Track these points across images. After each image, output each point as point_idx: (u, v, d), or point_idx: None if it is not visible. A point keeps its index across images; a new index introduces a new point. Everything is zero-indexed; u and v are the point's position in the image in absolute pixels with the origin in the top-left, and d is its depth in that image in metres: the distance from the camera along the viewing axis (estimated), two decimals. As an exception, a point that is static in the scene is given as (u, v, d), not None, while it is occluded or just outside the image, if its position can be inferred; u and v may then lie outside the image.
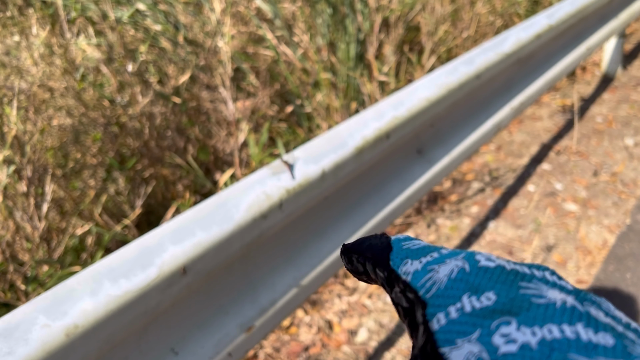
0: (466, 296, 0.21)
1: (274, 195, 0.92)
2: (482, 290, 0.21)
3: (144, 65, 2.23)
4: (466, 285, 0.21)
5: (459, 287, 0.21)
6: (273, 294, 1.03)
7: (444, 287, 0.22)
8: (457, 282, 0.21)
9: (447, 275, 0.22)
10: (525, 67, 2.00)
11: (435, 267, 0.23)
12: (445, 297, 0.21)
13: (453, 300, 0.21)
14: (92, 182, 2.24)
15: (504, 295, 0.20)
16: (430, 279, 0.23)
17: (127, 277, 0.71)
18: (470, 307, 0.20)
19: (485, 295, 0.20)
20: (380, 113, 1.16)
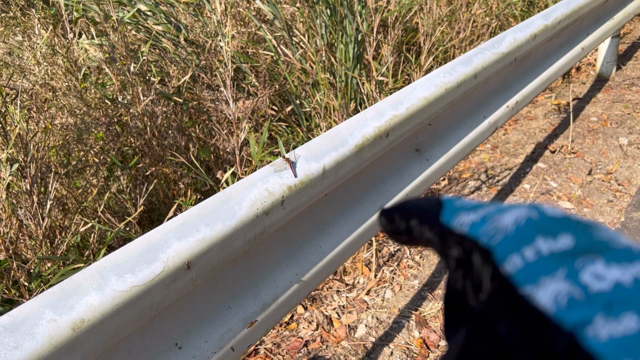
0: (541, 239, 0.20)
1: (276, 192, 0.94)
2: (556, 234, 0.20)
3: (145, 65, 2.26)
4: (538, 230, 0.20)
5: (530, 232, 0.21)
6: (275, 290, 1.05)
7: (513, 233, 0.21)
8: (526, 228, 0.21)
9: (514, 223, 0.21)
10: (521, 67, 2.03)
11: (496, 217, 0.23)
12: (516, 241, 0.20)
13: (527, 243, 0.20)
14: (95, 180, 2.26)
15: (581, 239, 0.20)
16: (492, 227, 0.22)
17: (132, 272, 0.74)
18: (548, 249, 0.19)
19: (561, 238, 0.20)
20: (380, 112, 1.19)
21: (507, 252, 0.20)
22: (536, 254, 0.19)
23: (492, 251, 0.21)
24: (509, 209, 0.23)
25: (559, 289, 0.18)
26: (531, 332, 0.18)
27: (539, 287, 0.18)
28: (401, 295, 2.00)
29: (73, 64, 2.22)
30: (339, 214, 1.23)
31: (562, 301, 0.17)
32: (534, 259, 0.19)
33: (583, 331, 0.16)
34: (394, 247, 2.23)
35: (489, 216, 0.23)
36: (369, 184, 1.32)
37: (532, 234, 0.20)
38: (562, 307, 0.17)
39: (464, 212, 0.24)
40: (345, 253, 1.23)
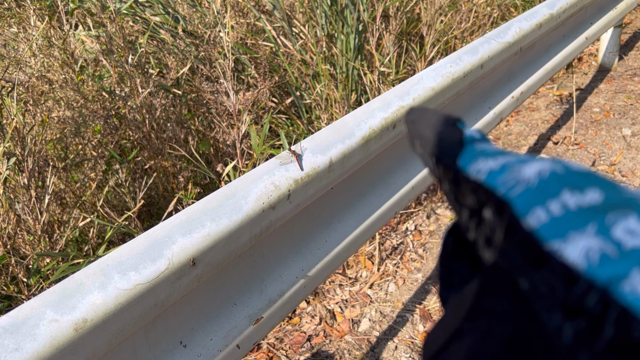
0: (567, 193, 0.19)
1: (282, 186, 0.91)
2: (584, 188, 0.19)
3: (144, 56, 2.22)
4: (564, 184, 0.19)
5: (555, 185, 0.19)
6: (280, 285, 1.03)
7: (536, 186, 0.20)
8: (551, 181, 0.20)
9: (537, 175, 0.20)
10: (526, 58, 2.00)
11: (517, 167, 0.21)
12: (540, 194, 0.19)
13: (552, 196, 0.19)
14: (93, 174, 2.23)
15: (610, 194, 0.18)
16: (512, 178, 0.21)
17: (136, 270, 0.71)
18: (575, 203, 0.18)
19: (589, 193, 0.18)
20: (387, 103, 1.16)
21: (529, 205, 0.19)
22: (563, 208, 0.18)
23: (510, 203, 0.19)
24: (531, 160, 0.21)
25: (590, 244, 0.17)
26: (559, 288, 0.17)
27: (568, 243, 0.17)
28: (405, 289, 1.98)
29: (70, 56, 2.18)
30: (345, 208, 1.21)
31: (593, 257, 0.16)
32: (561, 213, 0.18)
33: (618, 286, 0.15)
34: (396, 240, 2.21)
35: (509, 166, 0.21)
36: (374, 177, 1.30)
37: (557, 187, 0.19)
38: (594, 263, 0.16)
39: (482, 157, 0.23)
40: (351, 247, 1.20)
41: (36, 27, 2.26)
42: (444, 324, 0.21)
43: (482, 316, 0.19)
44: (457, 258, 0.25)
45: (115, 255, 0.71)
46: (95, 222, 1.60)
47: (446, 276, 0.25)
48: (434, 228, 2.28)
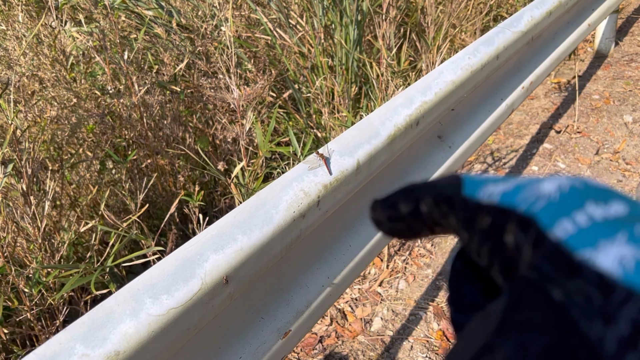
0: (592, 205, 0.18)
1: (311, 192, 0.86)
2: (607, 200, 0.18)
3: (140, 52, 2.14)
4: (587, 196, 0.19)
5: (578, 198, 0.19)
6: (307, 295, 0.98)
7: (558, 199, 0.19)
8: (573, 194, 0.19)
9: (557, 190, 0.20)
10: (534, 47, 1.95)
11: (534, 185, 0.21)
12: (563, 206, 0.19)
13: (576, 208, 0.18)
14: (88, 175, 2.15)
15: (634, 206, 0.18)
16: (531, 194, 0.20)
17: (169, 293, 0.65)
18: (601, 215, 0.18)
19: (613, 205, 0.18)
20: (410, 99, 1.10)
21: (554, 218, 0.18)
22: (589, 219, 0.18)
23: (534, 218, 0.19)
24: (546, 178, 0.21)
25: (622, 252, 0.16)
26: (596, 297, 0.16)
27: (599, 251, 0.17)
28: (415, 286, 1.94)
29: (60, 53, 2.09)
30: (367, 210, 1.15)
31: (629, 265, 0.16)
32: (588, 224, 0.18)
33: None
34: (404, 235, 2.17)
35: (525, 185, 0.21)
36: (393, 176, 1.25)
37: (580, 199, 0.19)
38: (630, 271, 0.16)
39: (491, 182, 0.22)
40: (374, 250, 1.15)
41: (24, 24, 2.17)
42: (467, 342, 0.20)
43: (514, 329, 0.18)
44: (467, 280, 0.24)
45: (145, 278, 0.65)
46: (98, 228, 1.53)
47: (457, 299, 0.25)
48: (440, 222, 2.23)
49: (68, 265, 1.30)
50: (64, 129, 2.03)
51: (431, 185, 0.25)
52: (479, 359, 0.18)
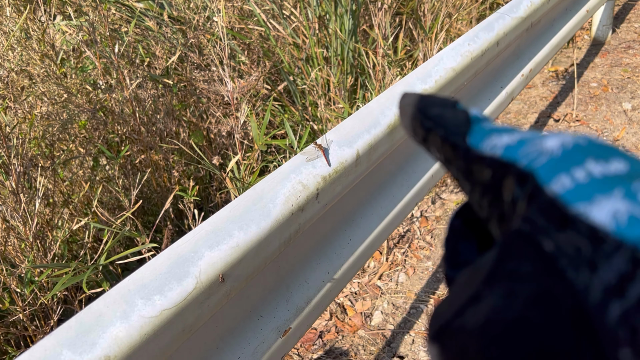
0: (592, 162, 0.18)
1: (310, 184, 0.82)
2: (608, 158, 0.19)
3: (131, 46, 2.09)
4: (588, 153, 0.19)
5: (579, 155, 0.19)
6: (307, 292, 0.94)
7: (560, 156, 0.19)
8: (575, 151, 0.19)
9: (560, 146, 0.20)
10: (533, 34, 1.92)
11: (537, 141, 0.21)
12: (564, 162, 0.19)
13: (576, 164, 0.19)
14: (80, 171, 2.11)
15: (635, 164, 0.18)
16: (534, 150, 0.20)
17: (161, 293, 0.62)
18: (600, 171, 0.18)
19: (613, 162, 0.18)
20: (410, 87, 1.07)
21: (553, 173, 0.19)
22: (588, 175, 0.18)
23: (533, 173, 0.19)
24: (551, 135, 0.21)
25: (617, 207, 0.17)
26: (586, 247, 0.17)
27: (594, 205, 0.17)
28: (415, 279, 1.91)
29: (50, 48, 2.04)
30: (367, 202, 1.12)
31: (621, 219, 0.16)
32: (586, 180, 0.18)
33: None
34: (403, 228, 2.14)
35: (529, 140, 0.21)
36: (393, 166, 1.21)
37: (581, 156, 0.19)
38: (623, 224, 0.16)
39: (496, 134, 0.22)
40: (375, 243, 1.12)
41: (12, 18, 2.12)
42: (455, 294, 0.20)
43: (503, 279, 0.18)
44: (464, 238, 0.25)
45: (136, 277, 0.62)
46: (91, 225, 1.49)
47: (453, 256, 0.25)
48: (439, 213, 2.20)
49: (59, 264, 1.26)
50: (54, 125, 1.99)
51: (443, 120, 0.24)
52: (467, 308, 0.18)
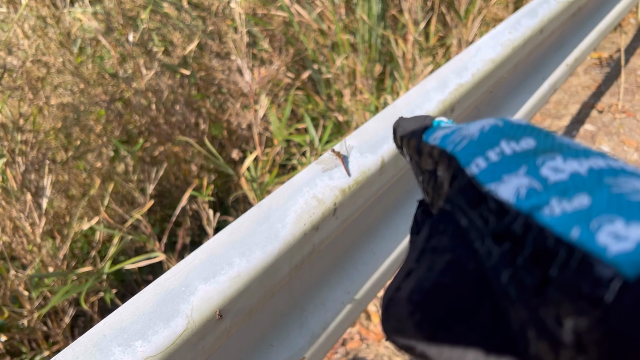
0: (504, 142, 0.21)
1: (326, 199, 0.71)
2: (519, 137, 0.21)
3: (146, 33, 2.00)
4: (502, 135, 0.21)
5: (494, 137, 0.21)
6: (324, 315, 0.84)
7: (477, 139, 0.22)
8: (491, 133, 0.22)
9: (479, 130, 0.22)
10: (578, 19, 1.75)
11: (464, 127, 0.24)
12: (480, 145, 0.21)
13: (491, 146, 0.21)
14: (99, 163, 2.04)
15: (542, 141, 0.21)
16: (459, 135, 0.23)
17: (144, 338, 0.52)
18: (511, 150, 0.20)
19: (524, 140, 0.21)
20: (443, 82, 0.94)
21: (471, 156, 0.21)
22: (499, 154, 0.20)
23: (455, 157, 0.22)
24: (476, 121, 0.24)
25: (520, 183, 0.19)
26: (492, 221, 0.19)
27: (501, 184, 0.19)
28: (446, 283, 1.79)
29: (66, 37, 1.97)
30: (393, 210, 1.00)
31: (522, 192, 0.19)
32: (497, 159, 0.20)
33: (539, 212, 0.18)
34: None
35: (459, 128, 0.24)
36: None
37: (496, 138, 0.21)
38: (522, 197, 0.18)
39: (441, 129, 0.26)
40: (403, 256, 1.01)
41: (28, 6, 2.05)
42: (400, 271, 0.23)
43: (428, 254, 0.21)
44: (423, 222, 0.26)
45: (113, 320, 0.52)
46: (101, 226, 1.41)
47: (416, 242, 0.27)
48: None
49: (59, 272, 1.18)
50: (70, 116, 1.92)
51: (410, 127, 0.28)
52: (402, 283, 0.21)
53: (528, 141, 0.21)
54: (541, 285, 0.17)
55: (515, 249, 0.18)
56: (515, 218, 0.18)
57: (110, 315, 0.52)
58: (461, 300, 0.19)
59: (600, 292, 0.15)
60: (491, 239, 0.19)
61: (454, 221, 0.21)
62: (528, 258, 0.17)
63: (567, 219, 0.17)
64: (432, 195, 0.24)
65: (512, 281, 0.17)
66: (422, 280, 0.20)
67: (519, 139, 0.21)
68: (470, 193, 0.20)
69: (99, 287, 1.19)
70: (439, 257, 0.20)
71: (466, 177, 0.21)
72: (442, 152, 0.23)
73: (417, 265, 0.21)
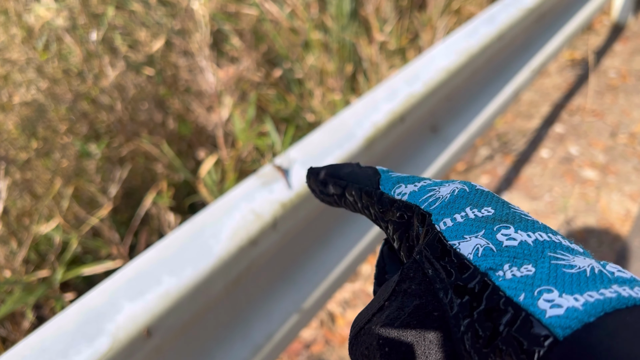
0: (469, 208, 0.25)
1: (265, 213, 0.71)
2: (481, 205, 0.25)
3: (111, 31, 1.97)
4: (468, 201, 0.25)
5: (461, 202, 0.25)
6: (269, 326, 0.84)
7: (447, 201, 0.26)
8: (459, 198, 0.26)
9: (450, 193, 0.26)
10: (543, 23, 1.77)
11: (435, 189, 0.27)
12: (450, 207, 0.25)
13: (458, 210, 0.25)
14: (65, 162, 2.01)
15: (499, 210, 0.25)
16: (432, 196, 0.27)
17: (66, 358, 0.51)
18: (474, 215, 0.24)
19: (485, 208, 0.25)
20: (393, 91, 0.94)
21: (442, 216, 0.25)
22: (464, 217, 0.24)
23: (429, 214, 0.25)
24: (445, 182, 0.28)
25: (479, 242, 0.23)
26: (454, 274, 0.22)
27: (463, 241, 0.23)
28: (411, 284, 1.80)
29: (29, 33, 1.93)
30: (345, 219, 1.00)
31: (480, 251, 0.22)
32: (462, 221, 0.24)
33: (494, 274, 0.21)
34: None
35: (429, 187, 0.27)
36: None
37: (463, 203, 0.25)
38: (479, 255, 0.22)
39: (403, 182, 0.29)
40: (354, 265, 1.01)
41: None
42: (371, 305, 0.26)
43: (399, 295, 0.24)
44: (390, 260, 0.31)
45: (34, 340, 0.51)
46: (60, 231, 1.39)
47: (381, 276, 0.31)
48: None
49: (8, 281, 1.17)
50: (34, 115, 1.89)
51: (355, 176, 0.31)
52: (374, 316, 0.25)
53: (488, 209, 0.24)
54: (492, 338, 0.20)
55: (472, 303, 0.21)
56: (474, 276, 0.21)
57: (31, 335, 0.52)
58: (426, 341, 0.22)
59: (537, 347, 0.18)
60: (452, 290, 0.22)
61: (422, 270, 0.24)
62: (482, 312, 0.20)
63: (516, 283, 0.20)
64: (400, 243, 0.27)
65: (468, 331, 0.20)
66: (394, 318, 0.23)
67: (481, 207, 0.25)
68: (437, 246, 0.23)
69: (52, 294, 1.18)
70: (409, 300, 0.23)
71: (435, 232, 0.24)
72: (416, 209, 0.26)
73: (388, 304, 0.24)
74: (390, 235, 0.28)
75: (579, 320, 0.18)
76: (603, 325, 0.18)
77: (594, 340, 0.18)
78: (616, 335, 0.18)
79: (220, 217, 0.67)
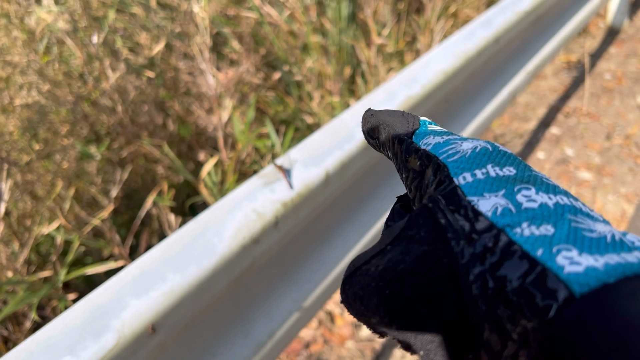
0: (490, 166, 0.24)
1: (267, 212, 0.72)
2: (503, 164, 0.24)
3: (112, 34, 1.99)
4: (489, 159, 0.25)
5: (483, 159, 0.25)
6: (270, 324, 0.85)
7: (468, 156, 0.25)
8: (480, 155, 0.25)
9: (472, 149, 0.26)
10: (539, 26, 1.79)
11: (458, 142, 0.27)
12: (470, 162, 0.25)
13: (478, 166, 0.24)
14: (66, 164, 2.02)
15: (521, 171, 0.24)
16: (452, 149, 0.26)
17: (73, 353, 0.53)
18: (495, 173, 0.24)
19: (506, 167, 0.24)
20: (392, 94, 0.96)
21: (460, 170, 0.24)
22: (485, 174, 0.24)
23: (446, 166, 0.25)
24: (470, 138, 0.27)
25: (498, 202, 0.22)
26: (467, 227, 0.22)
27: (482, 199, 0.22)
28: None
29: (31, 35, 1.95)
30: (345, 219, 1.02)
31: (498, 210, 0.22)
32: (483, 178, 0.24)
33: (510, 230, 0.21)
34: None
35: (452, 140, 0.27)
36: (376, 178, 1.11)
37: (484, 160, 0.25)
38: (498, 214, 0.21)
39: (432, 135, 0.28)
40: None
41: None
42: (371, 248, 0.25)
43: (404, 240, 0.24)
44: (400, 216, 0.29)
45: (41, 337, 0.53)
46: (61, 232, 1.41)
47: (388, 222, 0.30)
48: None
49: (11, 281, 1.18)
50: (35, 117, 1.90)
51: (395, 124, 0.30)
52: (373, 258, 0.24)
53: (510, 169, 0.24)
54: (502, 288, 0.19)
55: (486, 254, 0.20)
56: (490, 228, 0.21)
57: (38, 332, 0.53)
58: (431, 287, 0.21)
59: (551, 302, 0.18)
60: (465, 241, 0.21)
61: (434, 218, 0.23)
62: (495, 263, 0.20)
63: (534, 240, 0.20)
64: (415, 192, 0.27)
65: (478, 280, 0.20)
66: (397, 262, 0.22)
67: (503, 166, 0.24)
68: (454, 199, 0.23)
69: (55, 294, 1.19)
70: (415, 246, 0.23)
71: (452, 184, 0.24)
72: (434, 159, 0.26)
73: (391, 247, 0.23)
74: (407, 184, 0.28)
75: (598, 280, 0.18)
76: (623, 288, 0.18)
77: (613, 300, 0.17)
78: (636, 299, 0.17)
79: (223, 217, 0.69)
